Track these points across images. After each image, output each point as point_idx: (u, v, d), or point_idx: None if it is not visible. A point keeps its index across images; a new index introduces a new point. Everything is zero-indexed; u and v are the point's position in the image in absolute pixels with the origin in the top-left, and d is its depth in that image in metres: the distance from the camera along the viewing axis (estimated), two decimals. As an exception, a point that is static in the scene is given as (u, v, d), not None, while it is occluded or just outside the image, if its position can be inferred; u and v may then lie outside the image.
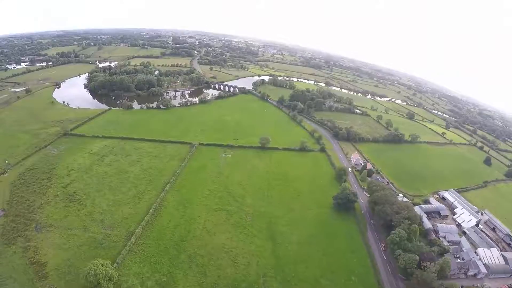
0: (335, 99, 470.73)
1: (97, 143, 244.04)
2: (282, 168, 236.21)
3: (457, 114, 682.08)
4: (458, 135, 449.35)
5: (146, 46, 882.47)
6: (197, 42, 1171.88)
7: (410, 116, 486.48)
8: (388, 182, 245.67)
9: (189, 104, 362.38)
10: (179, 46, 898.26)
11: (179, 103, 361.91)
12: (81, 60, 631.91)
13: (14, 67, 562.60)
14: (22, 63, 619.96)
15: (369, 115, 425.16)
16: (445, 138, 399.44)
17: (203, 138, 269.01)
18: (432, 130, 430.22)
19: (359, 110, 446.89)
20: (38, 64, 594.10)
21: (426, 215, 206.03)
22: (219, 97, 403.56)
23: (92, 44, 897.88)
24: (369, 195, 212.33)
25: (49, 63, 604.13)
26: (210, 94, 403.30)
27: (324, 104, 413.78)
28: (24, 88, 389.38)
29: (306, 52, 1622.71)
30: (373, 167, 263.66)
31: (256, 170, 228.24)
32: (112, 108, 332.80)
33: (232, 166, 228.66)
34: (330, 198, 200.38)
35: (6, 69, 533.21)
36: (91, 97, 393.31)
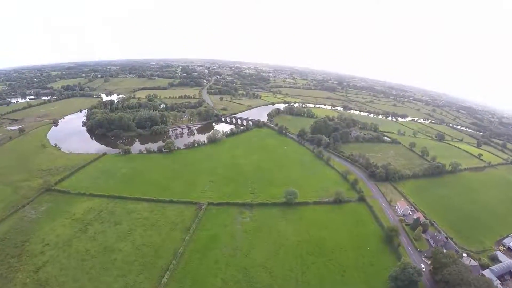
0: (359, 126, 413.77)
1: (82, 203, 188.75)
2: (317, 233, 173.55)
3: (480, 127, 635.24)
4: (491, 153, 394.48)
5: (153, 77, 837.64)
6: (206, 71, 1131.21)
7: (440, 138, 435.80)
8: (447, 238, 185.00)
9: (196, 145, 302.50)
10: (188, 76, 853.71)
11: (185, 145, 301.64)
12: (85, 94, 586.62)
13: (17, 101, 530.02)
14: (27, 97, 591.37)
15: (400, 143, 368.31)
16: (482, 160, 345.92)
17: (213, 193, 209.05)
18: (466, 151, 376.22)
19: (388, 137, 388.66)
20: (43, 98, 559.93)
21: (499, 281, 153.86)
22: (231, 134, 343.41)
23: (99, 76, 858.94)
24: (431, 265, 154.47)
25: (53, 97, 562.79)
26: (221, 131, 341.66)
27: (350, 134, 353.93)
28: (18, 127, 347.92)
29: (317, 74, 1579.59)
30: (425, 217, 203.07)
31: (284, 239, 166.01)
32: (108, 152, 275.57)
33: (252, 235, 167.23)
34: (384, 275, 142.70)
35: (9, 103, 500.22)
36: (89, 136, 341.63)
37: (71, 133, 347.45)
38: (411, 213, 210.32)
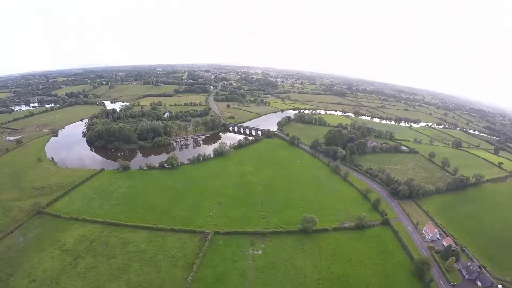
0: (375, 135, 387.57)
1: (74, 230, 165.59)
2: (339, 269, 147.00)
3: (494, 132, 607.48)
4: (509, 160, 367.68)
5: (159, 84, 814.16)
6: (213, 76, 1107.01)
7: (458, 145, 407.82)
8: (480, 267, 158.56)
9: (201, 159, 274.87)
10: (194, 82, 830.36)
11: (189, 160, 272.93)
12: (88, 101, 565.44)
13: (19, 109, 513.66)
14: (31, 104, 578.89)
15: (418, 152, 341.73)
16: (503, 169, 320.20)
17: (220, 219, 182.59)
18: (486, 160, 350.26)
19: (405, 146, 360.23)
20: (46, 105, 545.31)
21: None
22: (239, 146, 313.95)
23: (104, 82, 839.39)
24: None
25: (57, 105, 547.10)
26: (228, 143, 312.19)
27: (367, 145, 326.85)
28: (16, 138, 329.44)
29: (325, 78, 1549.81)
30: (455, 243, 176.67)
31: (302, 277, 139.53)
32: (106, 168, 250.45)
33: (265, 273, 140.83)
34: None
35: (11, 111, 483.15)
36: (89, 148, 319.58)
37: (70, 144, 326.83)
38: (440, 238, 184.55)
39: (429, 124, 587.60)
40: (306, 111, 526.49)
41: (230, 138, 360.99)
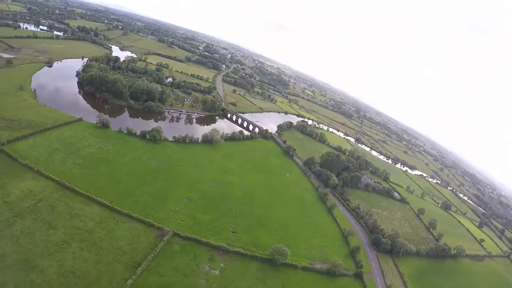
0: (371, 170, 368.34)
1: (24, 181, 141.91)
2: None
3: (482, 202, 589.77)
4: (491, 238, 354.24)
5: (173, 46, 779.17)
6: (229, 56, 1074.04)
7: (447, 207, 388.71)
8: None
9: (187, 140, 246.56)
10: (208, 55, 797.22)
11: (174, 137, 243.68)
12: (97, 41, 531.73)
13: (26, 28, 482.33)
14: (40, 26, 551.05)
15: (409, 203, 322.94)
16: (483, 248, 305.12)
17: (184, 218, 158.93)
18: (470, 232, 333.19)
19: (397, 193, 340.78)
20: (55, 32, 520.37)
21: None
22: (231, 138, 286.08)
23: (120, 27, 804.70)
24: None
25: (65, 35, 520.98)
26: (221, 131, 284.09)
27: (361, 179, 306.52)
28: (8, 57, 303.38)
29: (336, 93, 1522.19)
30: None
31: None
32: (84, 119, 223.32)
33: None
34: None
35: (17, 27, 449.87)
36: (77, 90, 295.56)
37: (59, 80, 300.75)
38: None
39: (424, 174, 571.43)
40: (310, 122, 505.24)
41: (223, 126, 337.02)
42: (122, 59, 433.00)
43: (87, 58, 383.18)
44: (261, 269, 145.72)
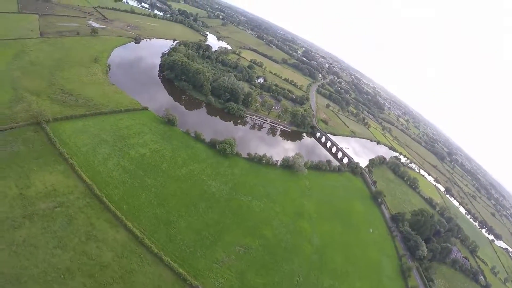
0: (460, 237, 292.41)
1: (52, 174, 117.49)
2: None
3: None
4: None
5: (271, 44, 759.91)
6: (326, 66, 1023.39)
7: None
8: None
9: (263, 161, 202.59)
10: (306, 61, 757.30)
11: (248, 154, 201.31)
12: (194, 26, 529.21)
13: (126, 2, 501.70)
14: (142, 3, 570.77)
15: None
16: None
17: (230, 277, 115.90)
18: None
19: (483, 277, 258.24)
20: (155, 11, 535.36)
21: None
22: (316, 167, 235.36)
23: (220, 17, 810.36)
24: None
25: (165, 15, 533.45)
26: (305, 154, 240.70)
27: (451, 252, 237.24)
28: (97, 26, 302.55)
29: (428, 127, 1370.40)
30: None
31: None
32: (151, 109, 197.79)
33: None
34: None
35: (119, 0, 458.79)
36: (157, 73, 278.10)
37: (140, 59, 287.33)
38: None
39: (509, 249, 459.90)
40: (403, 160, 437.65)
41: (309, 147, 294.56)
42: (215, 48, 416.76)
43: (177, 42, 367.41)
44: None
